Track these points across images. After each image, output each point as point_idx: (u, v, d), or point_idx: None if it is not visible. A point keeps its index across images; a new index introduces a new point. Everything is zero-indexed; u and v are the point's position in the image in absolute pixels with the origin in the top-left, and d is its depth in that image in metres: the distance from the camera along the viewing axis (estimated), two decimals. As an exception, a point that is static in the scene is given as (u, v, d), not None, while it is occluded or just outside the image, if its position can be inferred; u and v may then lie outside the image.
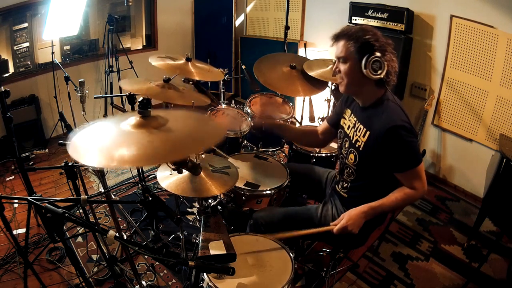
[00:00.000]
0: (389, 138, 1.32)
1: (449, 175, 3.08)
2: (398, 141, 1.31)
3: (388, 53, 1.34)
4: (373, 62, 1.31)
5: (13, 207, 2.52)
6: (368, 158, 1.43)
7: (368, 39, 1.32)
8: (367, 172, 1.48)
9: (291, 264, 1.33)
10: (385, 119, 1.34)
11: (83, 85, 2.29)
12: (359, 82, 1.38)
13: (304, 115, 2.86)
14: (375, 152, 1.38)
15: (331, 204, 1.63)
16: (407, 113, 1.38)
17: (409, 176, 1.37)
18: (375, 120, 1.38)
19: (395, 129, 1.30)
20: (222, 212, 1.89)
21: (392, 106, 1.38)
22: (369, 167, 1.46)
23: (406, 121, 1.33)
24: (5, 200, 1.43)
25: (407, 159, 1.35)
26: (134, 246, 1.04)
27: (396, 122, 1.31)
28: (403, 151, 1.34)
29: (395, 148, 1.33)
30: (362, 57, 1.32)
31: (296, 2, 3.75)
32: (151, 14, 4.11)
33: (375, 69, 1.32)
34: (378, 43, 1.32)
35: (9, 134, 1.74)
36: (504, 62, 2.48)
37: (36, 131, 3.29)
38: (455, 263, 2.21)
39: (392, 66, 1.35)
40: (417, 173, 1.36)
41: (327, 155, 2.09)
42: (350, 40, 1.35)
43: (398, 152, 1.34)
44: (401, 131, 1.30)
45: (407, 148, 1.33)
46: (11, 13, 2.96)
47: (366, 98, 1.44)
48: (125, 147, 1.01)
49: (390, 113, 1.35)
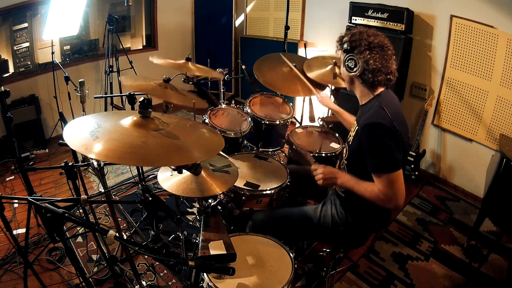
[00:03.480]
0: (366, 134, 1.32)
1: (449, 175, 3.08)
2: (372, 138, 1.30)
3: (366, 50, 1.33)
4: (348, 60, 1.39)
5: (13, 207, 2.52)
6: (354, 154, 1.45)
7: (346, 39, 1.39)
8: (356, 169, 1.47)
9: (291, 264, 1.33)
10: (368, 115, 1.35)
11: (83, 85, 2.28)
12: (349, 81, 1.49)
13: (304, 115, 2.86)
14: (360, 148, 1.38)
15: (331, 203, 1.62)
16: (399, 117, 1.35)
17: (379, 180, 1.30)
18: (363, 117, 1.40)
19: (373, 125, 1.29)
20: (222, 212, 1.89)
21: (377, 106, 1.35)
22: (357, 163, 1.46)
23: (387, 121, 1.28)
24: (5, 200, 1.43)
25: (378, 161, 1.30)
26: (134, 246, 1.04)
27: (374, 120, 1.29)
28: (375, 150, 1.30)
29: (369, 145, 1.32)
30: (344, 56, 1.42)
31: (296, 2, 3.75)
32: (151, 14, 4.11)
33: (350, 66, 1.39)
34: (354, 43, 1.36)
35: (9, 134, 1.74)
36: (504, 62, 2.48)
37: (36, 131, 3.29)
38: (455, 263, 2.21)
39: (370, 64, 1.33)
40: (389, 181, 1.27)
41: (327, 155, 2.09)
42: (337, 43, 1.47)
43: (371, 150, 1.31)
44: (377, 128, 1.28)
45: (380, 148, 1.28)
46: (11, 13, 2.96)
47: (360, 96, 1.49)
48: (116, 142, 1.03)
49: (375, 112, 1.35)
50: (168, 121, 1.26)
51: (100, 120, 1.18)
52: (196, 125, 1.43)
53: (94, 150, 0.99)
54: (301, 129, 2.37)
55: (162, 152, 1.08)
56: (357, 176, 1.47)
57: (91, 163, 1.46)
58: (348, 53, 1.38)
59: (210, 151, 1.26)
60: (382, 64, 1.34)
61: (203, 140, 1.31)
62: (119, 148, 1.01)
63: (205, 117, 2.19)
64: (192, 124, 1.42)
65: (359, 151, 1.39)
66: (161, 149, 1.09)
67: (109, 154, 0.99)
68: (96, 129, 1.09)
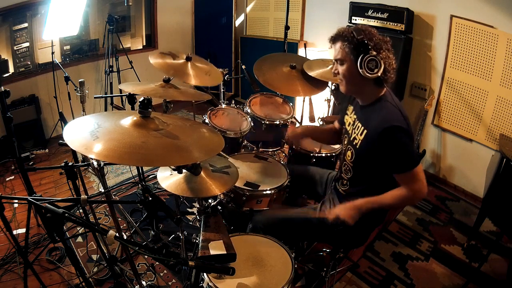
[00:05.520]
0: (385, 139, 1.31)
1: (449, 175, 3.08)
2: (393, 142, 1.31)
3: (383, 50, 1.34)
4: (368, 61, 1.32)
5: (13, 207, 2.52)
6: (364, 157, 1.44)
7: (362, 38, 1.32)
8: (364, 170, 1.48)
9: (291, 264, 1.33)
10: (382, 118, 1.34)
11: (83, 85, 2.28)
12: (357, 82, 1.39)
13: (304, 115, 2.86)
14: (371, 151, 1.38)
15: (330, 203, 1.63)
16: (406, 114, 1.38)
17: (405, 178, 1.36)
18: (373, 119, 1.38)
19: (391, 129, 1.30)
20: (222, 212, 1.89)
21: (390, 106, 1.38)
22: (365, 165, 1.46)
23: (403, 122, 1.32)
24: (5, 200, 1.43)
25: (403, 161, 1.33)
26: (134, 246, 1.04)
27: (392, 123, 1.30)
28: (399, 152, 1.33)
29: (390, 149, 1.33)
30: (358, 57, 1.33)
31: (296, 2, 3.75)
32: (151, 14, 4.11)
33: (371, 68, 1.33)
34: (373, 42, 1.32)
35: (9, 134, 1.74)
36: (504, 62, 2.48)
37: (36, 131, 3.29)
38: (455, 263, 2.21)
39: (389, 64, 1.35)
40: (414, 175, 1.34)
41: (327, 155, 2.09)
42: (345, 42, 1.37)
43: (394, 153, 1.33)
44: (397, 132, 1.30)
45: (403, 149, 1.32)
46: (11, 13, 2.96)
47: (366, 97, 1.45)
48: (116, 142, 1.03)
49: (388, 113, 1.35)
50: (168, 121, 1.26)
51: (100, 120, 1.18)
52: (196, 125, 1.43)
53: (94, 150, 0.99)
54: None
55: (162, 152, 1.08)
56: (364, 177, 1.48)
57: (91, 163, 1.46)
58: (366, 53, 1.32)
59: (210, 151, 1.26)
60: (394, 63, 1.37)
61: (203, 140, 1.31)
62: (119, 148, 1.01)
63: (205, 117, 2.19)
64: (192, 124, 1.42)
65: (368, 153, 1.40)
66: (161, 149, 1.09)
67: (109, 154, 0.99)
68: (96, 129, 1.10)
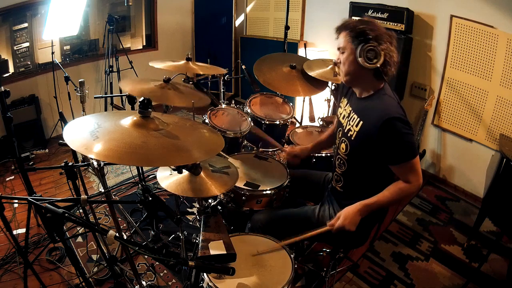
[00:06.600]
0: (385, 130, 1.31)
1: (449, 175, 3.08)
2: (394, 133, 1.31)
3: (385, 42, 1.33)
4: (367, 50, 1.32)
5: (13, 207, 2.52)
6: (359, 149, 1.43)
7: (363, 28, 1.33)
8: (358, 163, 1.47)
9: (291, 264, 1.33)
10: (381, 111, 1.34)
11: (83, 85, 2.28)
12: (356, 71, 1.39)
13: (304, 115, 2.86)
14: (368, 143, 1.37)
15: (328, 204, 1.63)
16: (403, 107, 1.39)
17: (404, 169, 1.36)
18: (371, 111, 1.38)
19: (392, 120, 1.29)
20: (222, 212, 1.89)
21: (388, 99, 1.38)
22: (359, 158, 1.45)
23: (402, 114, 1.33)
24: (5, 200, 1.43)
25: (402, 152, 1.34)
26: (134, 246, 1.04)
27: (392, 114, 1.30)
28: (399, 143, 1.33)
29: (391, 140, 1.32)
30: (358, 46, 1.34)
31: (296, 2, 3.75)
32: (151, 14, 4.11)
33: (370, 58, 1.33)
34: (374, 33, 1.32)
35: (9, 134, 1.74)
36: (504, 62, 2.48)
37: (36, 131, 3.29)
38: (455, 263, 2.21)
39: (389, 56, 1.34)
40: (412, 166, 1.34)
41: (327, 155, 2.09)
42: (347, 30, 1.38)
43: (394, 144, 1.33)
44: (397, 122, 1.30)
45: (403, 140, 1.32)
46: (11, 13, 2.96)
47: (364, 88, 1.45)
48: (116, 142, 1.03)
49: (387, 105, 1.35)
50: (168, 121, 1.26)
51: (100, 120, 1.18)
52: (196, 125, 1.43)
53: (94, 150, 0.99)
54: (301, 129, 2.37)
55: (162, 152, 1.08)
56: (358, 170, 1.48)
57: (91, 163, 1.46)
58: (366, 43, 1.31)
59: (210, 151, 1.26)
60: (396, 57, 1.36)
61: (203, 140, 1.31)
62: (119, 148, 1.01)
63: (205, 117, 2.19)
64: (192, 124, 1.42)
65: (362, 145, 1.40)
66: (161, 149, 1.09)
67: (109, 154, 0.99)
68: (96, 129, 1.09)
